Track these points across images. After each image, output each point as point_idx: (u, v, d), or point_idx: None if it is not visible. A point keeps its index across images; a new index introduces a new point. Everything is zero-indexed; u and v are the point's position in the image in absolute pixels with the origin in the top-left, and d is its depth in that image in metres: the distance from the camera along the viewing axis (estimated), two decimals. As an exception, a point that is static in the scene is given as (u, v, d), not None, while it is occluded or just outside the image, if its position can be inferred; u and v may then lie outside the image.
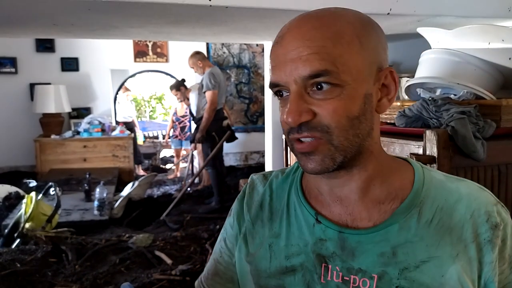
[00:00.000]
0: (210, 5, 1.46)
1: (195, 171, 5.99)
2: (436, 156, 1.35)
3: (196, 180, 6.06)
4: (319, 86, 0.58)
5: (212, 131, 4.48)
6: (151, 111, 10.54)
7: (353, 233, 0.63)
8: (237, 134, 5.05)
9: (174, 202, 4.46)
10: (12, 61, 5.80)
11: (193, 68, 4.70)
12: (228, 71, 6.62)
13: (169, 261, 2.94)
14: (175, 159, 6.80)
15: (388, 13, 1.71)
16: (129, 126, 6.66)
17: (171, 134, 6.59)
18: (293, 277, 0.66)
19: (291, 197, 0.72)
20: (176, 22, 1.86)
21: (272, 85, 0.62)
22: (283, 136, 2.88)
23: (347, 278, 0.62)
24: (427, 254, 0.60)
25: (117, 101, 6.80)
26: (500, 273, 0.62)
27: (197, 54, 4.66)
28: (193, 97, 5.10)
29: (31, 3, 1.44)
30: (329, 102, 0.58)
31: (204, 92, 4.44)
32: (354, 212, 0.64)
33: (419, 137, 1.45)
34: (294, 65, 0.58)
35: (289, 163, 2.82)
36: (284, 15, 1.72)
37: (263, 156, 3.43)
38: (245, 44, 6.55)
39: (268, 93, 3.01)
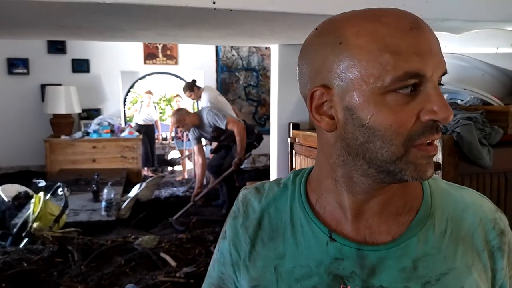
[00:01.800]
0: (214, 8, 1.46)
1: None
2: (441, 163, 1.34)
3: (204, 182, 6.08)
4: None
5: (253, 142, 4.47)
6: (161, 113, 10.60)
7: (373, 249, 0.59)
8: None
9: (185, 209, 4.43)
10: (24, 62, 5.88)
11: (178, 126, 4.30)
12: (236, 73, 6.63)
13: (173, 263, 2.94)
14: (180, 160, 6.90)
15: (395, 17, 1.68)
16: (150, 128, 6.73)
17: (173, 135, 6.70)
18: None
19: (294, 212, 0.65)
20: (182, 24, 1.86)
21: (413, 75, 0.52)
22: (289, 140, 2.87)
23: None
24: (446, 266, 0.58)
25: (139, 104, 6.89)
26: (509, 277, 0.62)
27: (178, 111, 4.33)
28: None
29: (37, 5, 1.46)
30: None
31: (226, 128, 4.19)
32: (373, 226, 0.61)
33: (424, 142, 1.43)
34: (440, 58, 0.54)
35: (294, 166, 2.81)
36: (289, 18, 1.72)
37: (270, 161, 3.43)
38: (254, 46, 6.56)
39: (274, 97, 3.00)
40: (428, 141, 0.54)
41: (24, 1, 1.41)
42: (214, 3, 1.45)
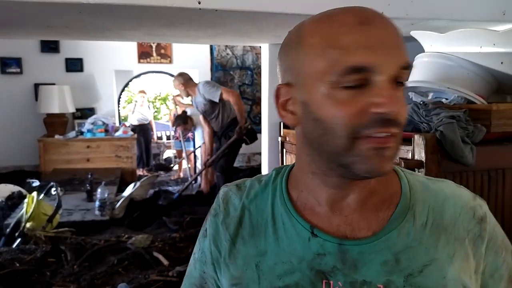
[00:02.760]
0: (200, 8, 1.46)
1: (197, 171, 6.00)
2: (424, 161, 1.35)
3: (199, 181, 6.08)
4: (399, 81, 0.55)
5: (242, 135, 4.43)
6: (156, 112, 10.57)
7: (354, 244, 0.60)
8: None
9: (179, 192, 4.64)
10: (17, 62, 5.86)
11: (177, 89, 4.68)
12: (231, 72, 6.63)
13: (165, 262, 2.95)
14: (178, 160, 6.88)
15: (380, 16, 1.69)
16: (145, 127, 6.72)
17: (172, 135, 6.68)
18: None
19: (276, 209, 0.66)
20: (168, 24, 1.86)
21: (357, 69, 0.52)
22: (279, 138, 2.87)
23: None
24: (428, 257, 0.59)
25: (133, 104, 6.89)
26: (491, 262, 0.63)
27: (179, 76, 4.56)
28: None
29: (22, 5, 1.46)
30: (403, 99, 0.56)
31: (220, 100, 4.32)
32: (353, 222, 0.62)
33: (408, 141, 1.44)
34: (394, 51, 0.54)
35: (284, 164, 2.80)
36: (275, 18, 1.72)
37: (261, 159, 3.44)
38: (248, 45, 6.55)
39: (265, 96, 3.01)
40: (378, 134, 0.54)
41: (10, 0, 1.41)
42: (199, 3, 1.45)
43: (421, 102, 1.54)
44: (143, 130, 6.68)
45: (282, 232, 0.64)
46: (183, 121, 5.50)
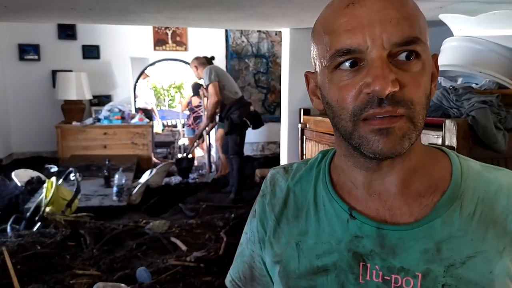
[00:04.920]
0: (227, -11, 1.44)
1: (212, 160, 6.03)
2: (455, 147, 1.32)
3: (213, 169, 6.11)
4: (407, 56, 0.53)
5: (242, 116, 4.44)
6: (170, 100, 10.61)
7: (393, 229, 0.58)
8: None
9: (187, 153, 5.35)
10: (35, 48, 5.90)
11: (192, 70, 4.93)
12: (246, 60, 6.58)
13: (184, 247, 2.97)
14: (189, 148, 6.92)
15: (409, -1, 1.65)
16: (148, 114, 6.75)
17: (184, 123, 6.70)
18: (326, 277, 0.62)
19: (318, 191, 0.67)
20: (192, 7, 1.84)
21: (344, 52, 0.54)
22: (299, 125, 2.85)
23: (388, 278, 0.58)
24: (473, 249, 0.56)
25: (137, 87, 6.91)
26: None
27: (194, 59, 4.77)
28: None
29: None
30: (415, 75, 0.53)
31: (206, 88, 4.45)
32: (394, 207, 0.60)
33: (438, 126, 1.41)
34: (383, 28, 0.52)
35: (304, 153, 2.79)
36: (301, 0, 1.69)
37: (280, 146, 3.42)
38: (263, 33, 6.49)
39: (285, 83, 2.97)
40: (378, 115, 0.53)
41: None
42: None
43: (451, 87, 1.50)
44: (146, 116, 6.68)
45: (323, 214, 0.65)
46: (194, 90, 5.70)
